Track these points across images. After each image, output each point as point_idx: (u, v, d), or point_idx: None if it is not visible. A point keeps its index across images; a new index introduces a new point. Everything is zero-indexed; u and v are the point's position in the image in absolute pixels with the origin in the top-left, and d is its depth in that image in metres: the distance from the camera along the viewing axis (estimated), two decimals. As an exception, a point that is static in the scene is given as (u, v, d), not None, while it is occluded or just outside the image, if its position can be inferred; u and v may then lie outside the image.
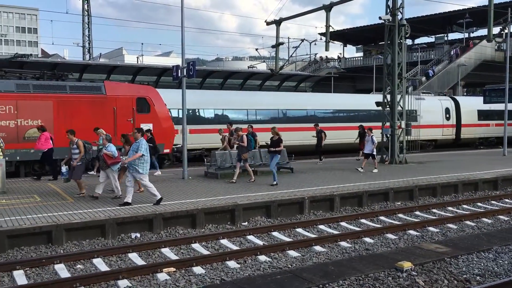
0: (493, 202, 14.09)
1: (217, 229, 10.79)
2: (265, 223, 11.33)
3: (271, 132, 14.89)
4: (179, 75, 15.77)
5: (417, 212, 12.62)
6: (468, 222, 11.48)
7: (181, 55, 15.99)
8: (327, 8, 21.70)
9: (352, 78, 50.98)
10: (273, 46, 27.21)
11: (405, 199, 14.11)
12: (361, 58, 55.85)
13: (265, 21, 25.83)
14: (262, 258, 8.55)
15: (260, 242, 9.69)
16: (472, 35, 50.84)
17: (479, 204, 13.81)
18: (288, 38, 48.53)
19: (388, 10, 20.16)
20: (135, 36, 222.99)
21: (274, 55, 28.40)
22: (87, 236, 9.60)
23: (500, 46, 45.43)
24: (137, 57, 59.14)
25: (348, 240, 9.76)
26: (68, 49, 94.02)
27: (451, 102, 32.85)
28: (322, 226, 10.99)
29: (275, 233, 10.31)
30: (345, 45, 59.71)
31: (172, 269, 7.81)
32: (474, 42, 46.61)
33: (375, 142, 17.53)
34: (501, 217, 12.11)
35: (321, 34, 44.17)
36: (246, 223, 11.27)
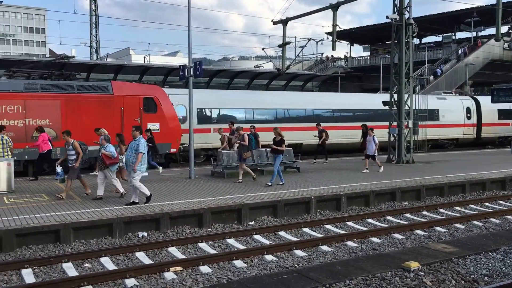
0: (501, 202, 14.01)
1: (223, 228, 10.81)
2: (272, 222, 11.34)
3: (274, 132, 14.79)
4: (186, 74, 15.83)
5: (424, 212, 12.58)
6: (476, 222, 11.42)
7: (188, 54, 16.05)
8: (334, 7, 21.62)
9: (359, 78, 50.77)
10: (279, 46, 27.18)
11: (412, 199, 14.07)
12: (368, 57, 55.60)
13: (272, 21, 25.80)
14: (269, 257, 8.55)
15: (267, 242, 9.69)
16: (480, 34, 50.47)
17: (487, 204, 13.73)
18: (295, 38, 48.56)
19: (395, 9, 20.08)
20: (142, 36, 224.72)
21: (281, 55, 28.38)
22: (95, 235, 9.66)
23: (509, 45, 45.15)
24: (144, 57, 59.23)
25: (355, 240, 9.75)
26: (76, 49, 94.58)
27: (472, 101, 32.87)
28: (328, 226, 10.98)
29: (282, 233, 10.31)
30: (352, 45, 59.54)
31: (179, 268, 7.84)
32: (482, 41, 46.30)
33: (376, 143, 17.31)
34: (509, 217, 12.03)
35: (327, 33, 44.06)
36: (252, 222, 11.28)
